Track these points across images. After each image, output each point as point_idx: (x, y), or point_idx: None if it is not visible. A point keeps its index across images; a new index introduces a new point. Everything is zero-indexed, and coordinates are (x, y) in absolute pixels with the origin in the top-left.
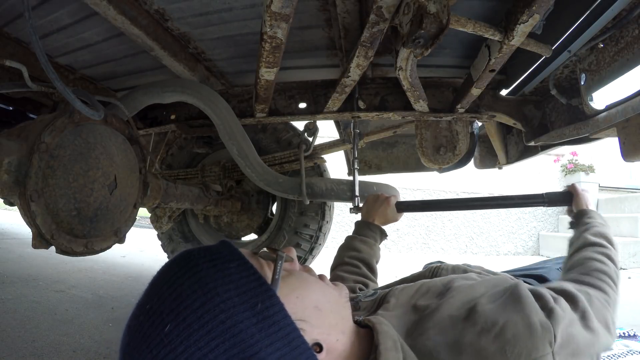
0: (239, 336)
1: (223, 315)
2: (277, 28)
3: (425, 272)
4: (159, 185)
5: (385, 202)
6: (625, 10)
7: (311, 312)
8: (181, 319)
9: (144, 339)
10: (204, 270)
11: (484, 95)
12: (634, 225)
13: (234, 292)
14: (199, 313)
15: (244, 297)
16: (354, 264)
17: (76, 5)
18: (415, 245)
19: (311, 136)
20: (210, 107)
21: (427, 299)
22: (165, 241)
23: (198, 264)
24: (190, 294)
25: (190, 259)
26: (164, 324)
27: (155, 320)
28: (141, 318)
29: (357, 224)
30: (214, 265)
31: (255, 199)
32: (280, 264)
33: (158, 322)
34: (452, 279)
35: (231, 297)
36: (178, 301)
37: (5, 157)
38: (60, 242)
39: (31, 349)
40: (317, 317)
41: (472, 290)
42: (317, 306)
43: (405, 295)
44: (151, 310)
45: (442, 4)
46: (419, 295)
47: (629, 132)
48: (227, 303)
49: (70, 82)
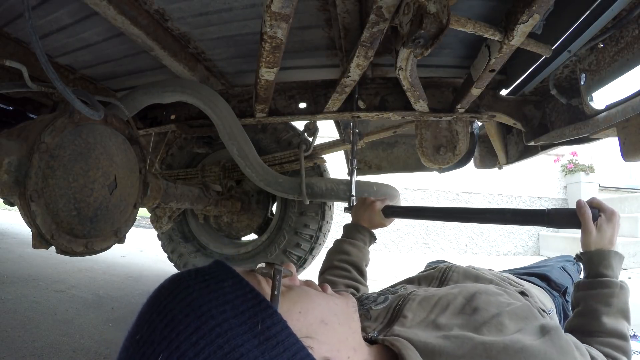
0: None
1: (220, 340)
2: (277, 28)
3: (435, 273)
4: (159, 185)
5: (370, 206)
6: (625, 10)
7: (317, 328)
8: (174, 348)
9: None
10: (196, 292)
11: (484, 95)
12: (634, 225)
13: (231, 313)
14: (193, 339)
15: (242, 318)
16: (343, 267)
17: (76, 5)
18: (415, 245)
19: (311, 136)
20: (210, 107)
21: (449, 317)
22: (165, 241)
23: (189, 285)
24: (182, 319)
25: (181, 282)
26: (156, 355)
27: (147, 352)
28: (131, 350)
29: (345, 227)
30: (206, 286)
31: (255, 199)
32: (279, 279)
33: (149, 352)
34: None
35: (227, 318)
36: (169, 328)
37: (5, 157)
38: (60, 242)
39: (31, 349)
40: (325, 332)
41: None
42: (324, 320)
43: (424, 310)
44: (141, 340)
45: (442, 4)
46: (438, 311)
47: (629, 132)
48: (224, 326)
49: (70, 82)
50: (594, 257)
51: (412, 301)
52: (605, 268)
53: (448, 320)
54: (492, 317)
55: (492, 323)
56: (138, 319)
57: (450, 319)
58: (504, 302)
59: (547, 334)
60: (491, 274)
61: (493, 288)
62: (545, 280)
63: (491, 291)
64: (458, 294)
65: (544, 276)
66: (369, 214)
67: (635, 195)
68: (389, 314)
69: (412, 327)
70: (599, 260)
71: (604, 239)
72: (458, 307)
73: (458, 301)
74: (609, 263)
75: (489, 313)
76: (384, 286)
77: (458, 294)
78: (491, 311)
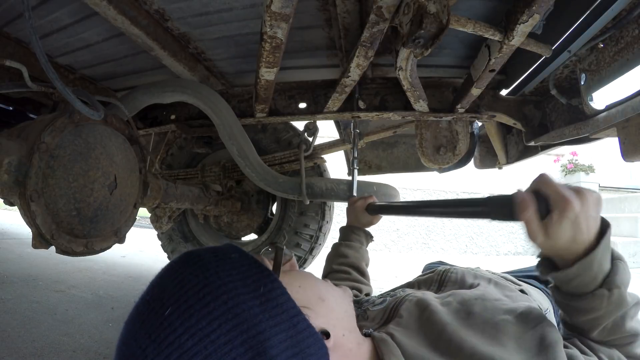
0: (241, 316)
1: (225, 296)
2: (277, 28)
3: (434, 276)
4: (159, 185)
5: (354, 206)
6: (625, 10)
7: (315, 302)
8: (182, 301)
9: (142, 326)
10: (206, 259)
11: (484, 95)
12: (634, 225)
13: (237, 276)
14: (200, 294)
15: (247, 281)
16: (343, 270)
17: (76, 5)
18: (415, 245)
19: (311, 136)
20: (210, 107)
21: (443, 316)
22: (165, 241)
23: (199, 254)
24: (192, 279)
25: (192, 253)
26: (165, 308)
27: (156, 307)
28: (141, 308)
29: (341, 229)
30: (215, 255)
31: (255, 199)
32: (281, 253)
33: (158, 307)
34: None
35: (233, 280)
36: (179, 286)
37: (5, 157)
38: (60, 242)
39: (31, 349)
40: (322, 307)
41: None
42: (321, 297)
43: (419, 309)
44: (152, 299)
45: (442, 4)
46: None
47: (629, 132)
48: (229, 285)
49: (70, 82)
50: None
51: (409, 302)
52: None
53: (442, 320)
54: (486, 323)
55: (486, 329)
56: (150, 285)
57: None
58: (500, 308)
59: (543, 352)
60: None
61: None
62: (544, 281)
63: (488, 296)
64: (453, 300)
65: None
66: (355, 214)
67: (635, 195)
68: (385, 314)
69: (408, 327)
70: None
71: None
72: (453, 310)
73: (452, 306)
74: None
75: (482, 318)
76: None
77: (453, 300)
78: (485, 316)
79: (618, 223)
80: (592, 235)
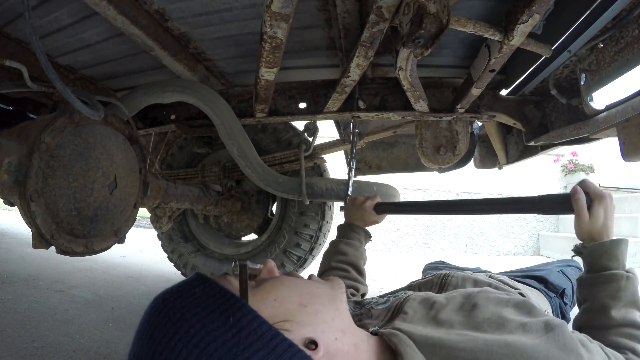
0: (215, 355)
1: (196, 339)
2: (277, 28)
3: (434, 279)
4: (159, 185)
5: (362, 205)
6: (625, 10)
7: (296, 311)
8: (157, 355)
9: None
10: (171, 304)
11: (484, 95)
12: (634, 225)
13: (202, 313)
14: (171, 344)
15: (214, 316)
16: (342, 267)
17: (76, 5)
18: (415, 245)
19: (311, 136)
20: (210, 107)
21: (448, 312)
22: (165, 241)
23: (165, 299)
24: (161, 330)
25: (158, 300)
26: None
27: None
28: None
29: (340, 227)
30: (179, 296)
31: (255, 199)
32: (245, 273)
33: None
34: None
35: (200, 319)
36: (152, 339)
37: (5, 157)
38: (60, 242)
39: (31, 349)
40: (304, 315)
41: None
42: (302, 303)
43: (424, 307)
44: (134, 357)
45: (442, 4)
46: (438, 307)
47: (629, 132)
48: (197, 326)
49: (70, 82)
50: (594, 251)
51: (413, 300)
52: (608, 260)
53: (448, 317)
54: (492, 314)
55: (493, 319)
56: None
57: (450, 316)
58: (503, 298)
59: (551, 331)
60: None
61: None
62: (543, 282)
63: (490, 290)
64: (457, 294)
65: (541, 278)
66: (361, 213)
67: (635, 195)
68: (390, 312)
69: (413, 322)
70: (600, 253)
71: (597, 224)
72: (457, 305)
73: (457, 300)
74: (612, 254)
75: (488, 309)
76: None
77: (457, 294)
78: (491, 308)
79: (618, 223)
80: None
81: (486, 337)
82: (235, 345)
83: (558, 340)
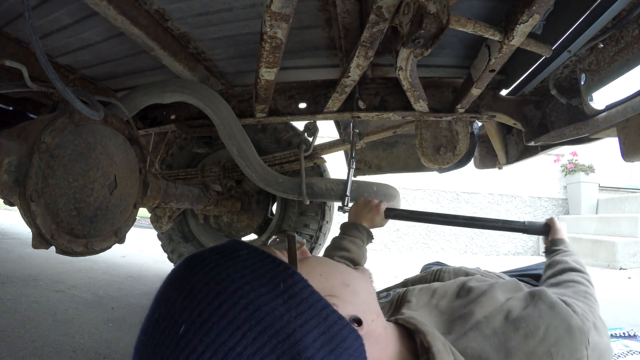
0: (266, 320)
1: (244, 301)
2: (277, 28)
3: (427, 276)
4: (159, 185)
5: (376, 208)
6: (625, 10)
7: (340, 289)
8: (196, 315)
9: (156, 351)
10: (213, 262)
11: (484, 95)
12: (634, 225)
13: (251, 276)
14: (215, 304)
15: (263, 280)
16: (343, 262)
17: (76, 5)
18: (415, 245)
19: (311, 136)
20: (210, 107)
21: (448, 301)
22: (165, 241)
23: (204, 258)
24: (202, 288)
25: (195, 257)
26: (178, 326)
27: (167, 326)
28: (150, 330)
29: (343, 225)
30: (222, 256)
31: (255, 199)
32: (294, 242)
33: (170, 326)
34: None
35: (249, 281)
36: (189, 298)
37: (5, 157)
38: (60, 242)
39: (31, 349)
40: (348, 293)
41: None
42: (345, 282)
43: (425, 295)
44: (160, 317)
45: (442, 4)
46: (438, 297)
47: (629, 132)
48: (245, 288)
49: (70, 82)
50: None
51: (414, 289)
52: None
53: (449, 304)
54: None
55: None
56: (155, 300)
57: (450, 303)
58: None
59: (535, 297)
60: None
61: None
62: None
63: (480, 277)
64: (452, 283)
65: (538, 276)
66: (372, 215)
67: (635, 195)
68: (393, 304)
69: (418, 309)
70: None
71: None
72: (454, 293)
73: (452, 289)
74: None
75: (481, 289)
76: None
77: (452, 283)
78: (483, 287)
79: (618, 223)
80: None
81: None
82: (286, 312)
83: (545, 302)
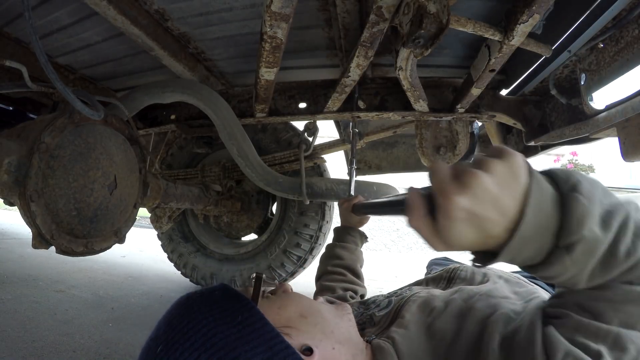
0: (218, 344)
1: (205, 329)
2: (277, 28)
3: (443, 274)
4: (159, 185)
5: (342, 207)
6: (625, 10)
7: (296, 320)
8: (170, 338)
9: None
10: (192, 300)
11: (484, 95)
12: None
13: (217, 310)
14: (184, 331)
15: (225, 313)
16: (338, 272)
17: (76, 5)
18: (415, 245)
19: (311, 136)
20: (210, 107)
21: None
22: (165, 241)
23: (189, 297)
24: (179, 319)
25: (184, 297)
26: (157, 346)
27: (152, 345)
28: (145, 346)
29: (335, 230)
30: (200, 295)
31: (255, 199)
32: (259, 282)
33: (154, 346)
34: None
35: (213, 314)
36: (170, 327)
37: (5, 157)
38: (60, 242)
39: (31, 349)
40: (304, 324)
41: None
42: (302, 314)
43: (421, 311)
44: (151, 339)
45: (442, 4)
46: (436, 314)
47: (629, 132)
48: (209, 319)
49: (70, 82)
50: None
51: (413, 303)
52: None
53: (443, 327)
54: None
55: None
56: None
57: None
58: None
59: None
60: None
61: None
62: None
63: (495, 293)
64: (458, 297)
65: None
66: (343, 215)
67: (636, 195)
68: (389, 317)
69: (408, 328)
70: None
71: (464, 247)
72: (455, 311)
73: (456, 304)
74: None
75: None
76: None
77: (458, 297)
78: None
79: None
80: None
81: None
82: (238, 339)
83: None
